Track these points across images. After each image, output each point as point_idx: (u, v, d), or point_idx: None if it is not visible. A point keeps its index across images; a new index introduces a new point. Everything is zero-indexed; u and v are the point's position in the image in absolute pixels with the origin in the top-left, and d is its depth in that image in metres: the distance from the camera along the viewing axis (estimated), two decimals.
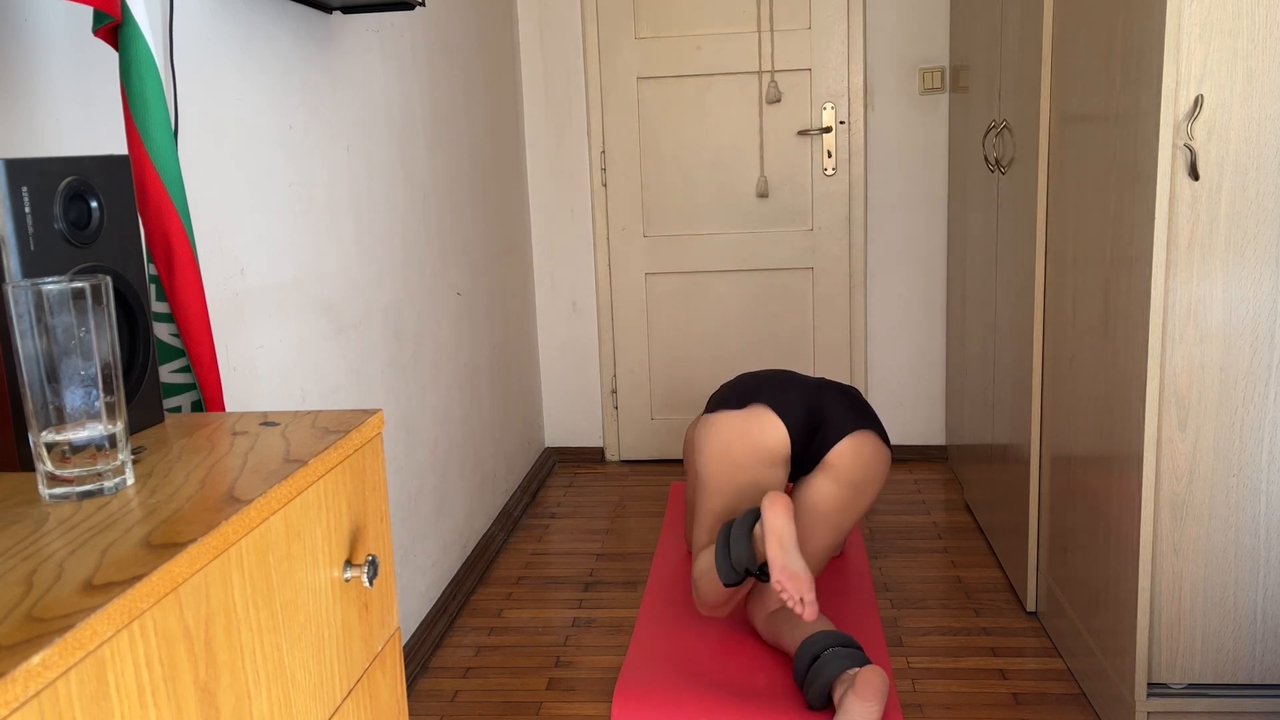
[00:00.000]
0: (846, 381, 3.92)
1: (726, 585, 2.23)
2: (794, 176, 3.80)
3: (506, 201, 3.57)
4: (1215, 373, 1.89)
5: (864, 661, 2.13)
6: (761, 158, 3.79)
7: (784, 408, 2.33)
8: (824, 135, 3.75)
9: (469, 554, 3.01)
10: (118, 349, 0.84)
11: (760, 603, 2.41)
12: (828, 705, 2.15)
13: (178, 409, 1.33)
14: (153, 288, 1.29)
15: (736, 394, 2.41)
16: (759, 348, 3.93)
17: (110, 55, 1.44)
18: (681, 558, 3.02)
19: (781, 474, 2.33)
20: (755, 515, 2.17)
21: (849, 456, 2.32)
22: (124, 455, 0.84)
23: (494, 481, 3.33)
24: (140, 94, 1.23)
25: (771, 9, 3.71)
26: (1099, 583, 2.17)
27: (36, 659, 0.56)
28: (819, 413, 2.37)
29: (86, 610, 0.61)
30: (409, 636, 2.52)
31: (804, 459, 2.38)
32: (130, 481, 0.85)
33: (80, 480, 0.82)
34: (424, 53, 2.76)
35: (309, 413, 1.07)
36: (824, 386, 2.47)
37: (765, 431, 2.30)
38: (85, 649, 0.60)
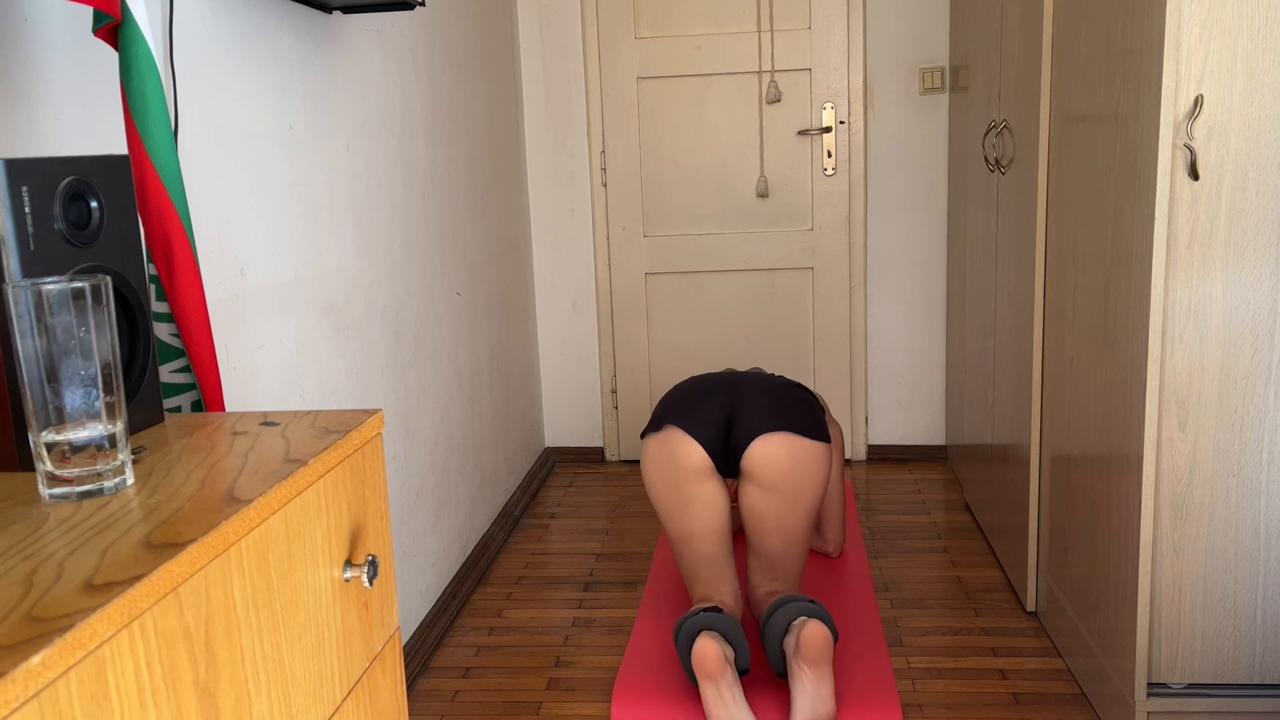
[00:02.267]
0: (846, 378, 3.92)
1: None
2: (794, 176, 3.80)
3: (506, 201, 3.57)
4: (1215, 373, 1.89)
5: (808, 610, 2.09)
6: (761, 158, 3.79)
7: (692, 423, 2.30)
8: (824, 135, 3.75)
9: (469, 554, 3.01)
10: (118, 349, 0.84)
11: (754, 588, 2.40)
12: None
13: (178, 409, 1.33)
14: (153, 288, 1.29)
15: (656, 414, 2.40)
16: (759, 348, 3.93)
17: (110, 55, 1.44)
18: None
19: (714, 484, 2.31)
20: (697, 629, 2.14)
21: (759, 462, 2.27)
22: (124, 455, 0.84)
23: (494, 481, 3.33)
24: (140, 94, 1.23)
25: (771, 9, 3.71)
26: (1099, 583, 2.17)
27: (36, 659, 0.56)
28: (729, 419, 2.32)
29: (86, 610, 0.61)
30: (409, 636, 2.52)
31: (730, 462, 2.35)
32: (130, 481, 0.85)
33: (80, 480, 0.82)
34: (424, 53, 2.76)
35: (309, 413, 1.07)
36: (740, 388, 2.39)
37: (681, 452, 2.29)
38: (85, 649, 0.60)
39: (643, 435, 2.41)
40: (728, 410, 2.33)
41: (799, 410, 2.33)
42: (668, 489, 2.32)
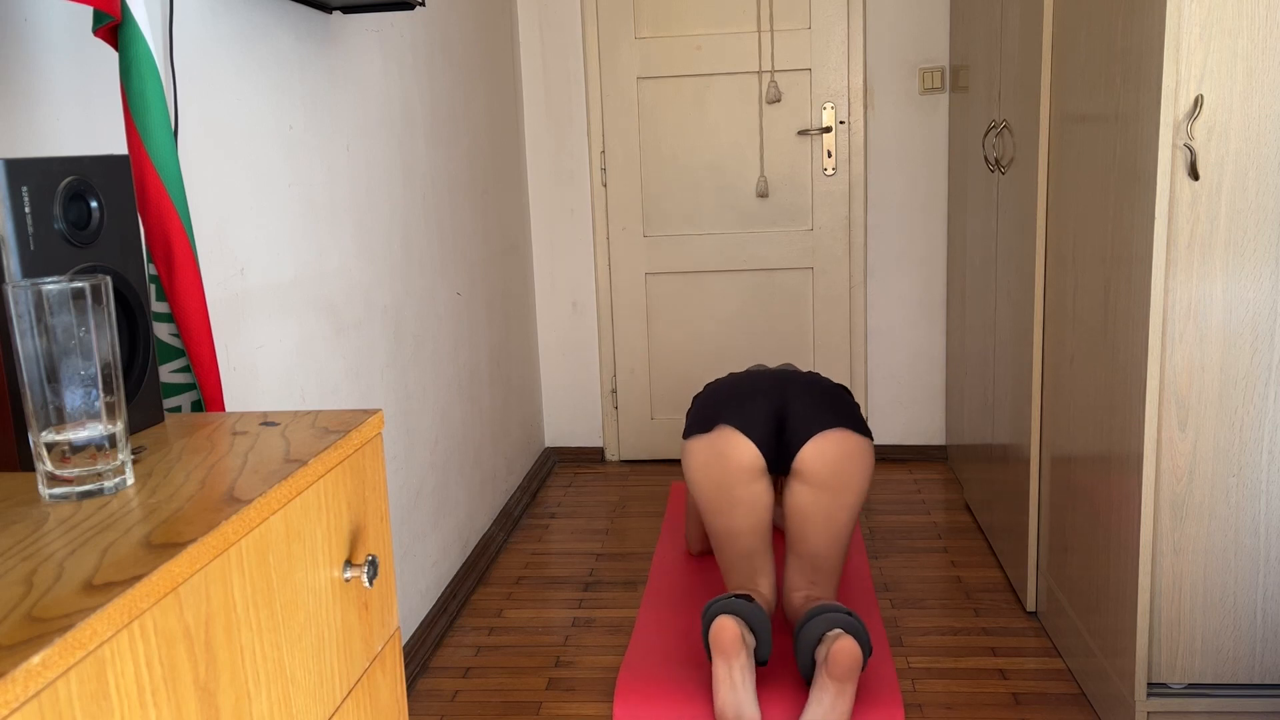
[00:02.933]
0: (846, 378, 3.92)
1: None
2: (794, 176, 3.80)
3: (506, 201, 3.57)
4: (1215, 373, 1.89)
5: (845, 624, 2.09)
6: (761, 158, 3.79)
7: (748, 423, 2.31)
8: (824, 135, 3.75)
9: (469, 554, 3.01)
10: (118, 349, 0.84)
11: (789, 592, 2.39)
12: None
13: (178, 409, 1.33)
14: (153, 288, 1.29)
15: (704, 414, 2.40)
16: (759, 347, 3.93)
17: (110, 55, 1.44)
18: (681, 558, 3.02)
19: (764, 484, 2.32)
20: (723, 609, 2.15)
21: (814, 461, 2.28)
22: (124, 455, 0.84)
23: (494, 481, 3.33)
24: (140, 94, 1.23)
25: (771, 9, 3.71)
26: (1099, 583, 2.17)
27: (36, 659, 0.56)
28: (783, 418, 2.33)
29: (86, 610, 0.61)
30: (409, 636, 2.52)
31: (781, 460, 2.36)
32: (130, 481, 0.85)
33: (80, 480, 0.82)
34: (424, 53, 2.76)
35: (309, 413, 1.07)
36: (787, 386, 2.39)
37: (734, 452, 2.29)
38: (85, 649, 0.60)
39: (686, 435, 2.41)
40: (779, 409, 2.34)
41: (846, 407, 2.36)
42: (714, 489, 2.32)
